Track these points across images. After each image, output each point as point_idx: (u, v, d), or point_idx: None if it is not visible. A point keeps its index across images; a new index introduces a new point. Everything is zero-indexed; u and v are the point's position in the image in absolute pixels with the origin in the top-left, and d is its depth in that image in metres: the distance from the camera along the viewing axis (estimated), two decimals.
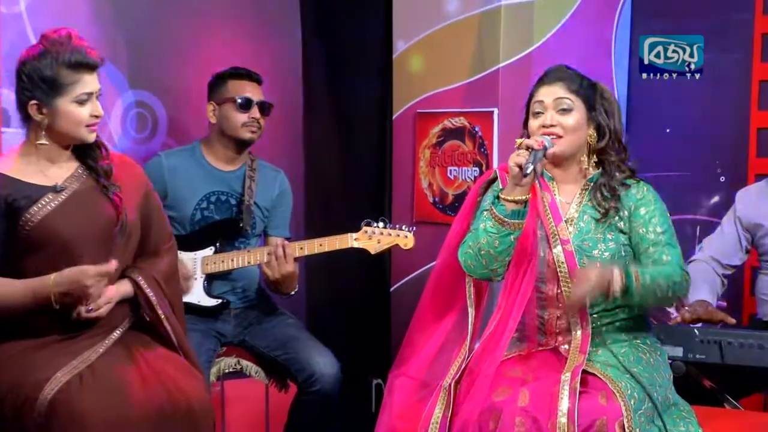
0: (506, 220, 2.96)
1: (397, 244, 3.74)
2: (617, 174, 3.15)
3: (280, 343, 3.85)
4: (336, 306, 4.92)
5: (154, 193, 3.28)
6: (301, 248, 3.76)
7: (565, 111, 3.09)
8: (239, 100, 3.91)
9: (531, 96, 3.17)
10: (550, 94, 3.11)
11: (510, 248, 3.00)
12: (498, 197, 3.00)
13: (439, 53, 4.51)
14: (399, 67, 4.68)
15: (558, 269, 3.07)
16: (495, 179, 3.21)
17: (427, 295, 3.30)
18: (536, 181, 3.03)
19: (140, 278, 3.13)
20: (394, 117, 4.72)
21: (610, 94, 3.20)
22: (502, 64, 4.26)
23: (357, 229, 3.74)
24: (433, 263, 3.39)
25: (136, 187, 3.17)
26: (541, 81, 3.17)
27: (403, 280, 4.64)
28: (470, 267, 3.06)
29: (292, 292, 3.87)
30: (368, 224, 3.74)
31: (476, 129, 4.37)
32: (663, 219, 3.13)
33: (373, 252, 3.75)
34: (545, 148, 3.00)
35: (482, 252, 3.01)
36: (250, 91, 3.95)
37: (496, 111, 4.28)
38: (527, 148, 2.98)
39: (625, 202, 3.13)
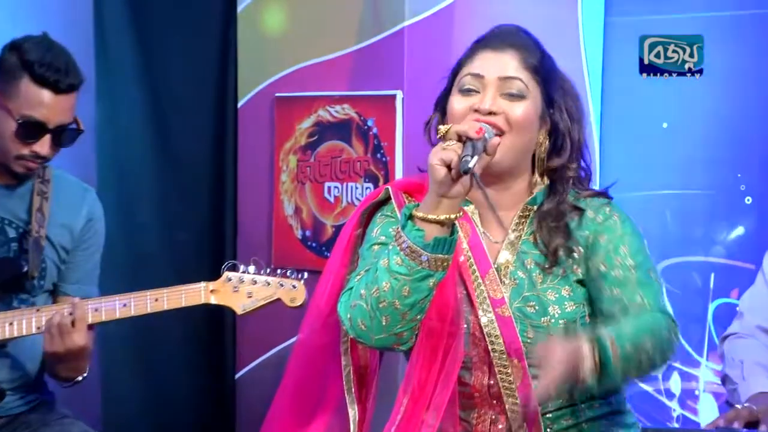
0: (424, 253, 2.91)
1: (279, 300, 3.73)
2: (570, 196, 3.16)
3: None
4: (150, 404, 4.98)
5: None
6: (97, 311, 3.73)
7: (514, 97, 3.09)
8: (21, 124, 3.79)
9: (461, 63, 3.16)
10: (495, 66, 3.10)
11: (425, 300, 2.96)
12: (411, 217, 2.94)
13: (309, 5, 4.56)
14: (246, 26, 4.80)
15: (490, 348, 3.06)
16: (386, 200, 3.21)
17: (287, 386, 3.31)
18: (475, 190, 2.95)
19: None
20: (239, 105, 4.83)
21: (572, 86, 3.23)
22: (408, 23, 4.31)
23: (215, 275, 3.72)
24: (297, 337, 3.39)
25: None
26: (483, 43, 3.16)
27: (254, 363, 4.70)
28: (361, 329, 3.00)
29: (80, 377, 3.84)
30: (232, 269, 3.73)
31: (369, 123, 4.43)
32: (635, 248, 3.12)
33: (240, 312, 3.77)
34: (485, 139, 2.93)
35: (382, 304, 2.95)
36: (48, 107, 3.80)
37: (399, 94, 4.34)
38: (460, 138, 2.92)
39: (577, 234, 3.13)
